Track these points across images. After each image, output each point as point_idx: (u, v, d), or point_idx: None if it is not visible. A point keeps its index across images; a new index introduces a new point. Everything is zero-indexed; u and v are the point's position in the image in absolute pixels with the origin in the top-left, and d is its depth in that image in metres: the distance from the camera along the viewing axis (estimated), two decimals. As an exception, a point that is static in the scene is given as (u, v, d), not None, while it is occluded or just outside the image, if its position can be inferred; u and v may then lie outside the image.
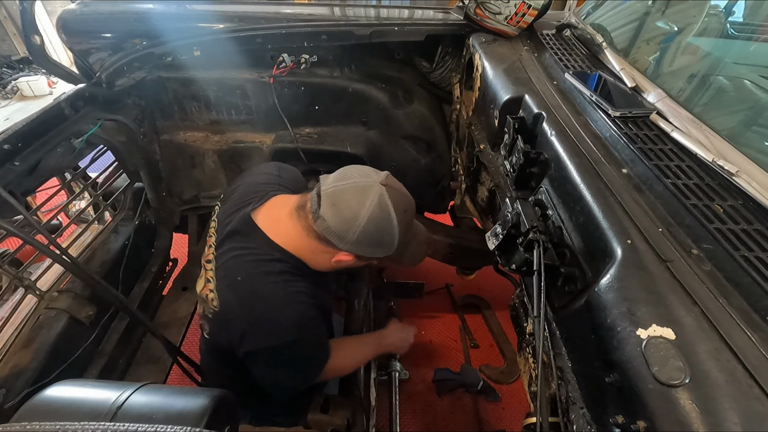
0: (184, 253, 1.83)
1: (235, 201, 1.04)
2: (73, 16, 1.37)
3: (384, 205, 0.86)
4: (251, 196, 1.03)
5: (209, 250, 1.01)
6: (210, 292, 0.94)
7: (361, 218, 0.85)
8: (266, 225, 0.95)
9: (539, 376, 0.65)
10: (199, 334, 1.16)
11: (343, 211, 0.86)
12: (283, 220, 0.94)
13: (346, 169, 0.93)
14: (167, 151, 1.70)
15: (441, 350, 2.08)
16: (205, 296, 0.96)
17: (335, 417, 1.11)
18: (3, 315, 1.11)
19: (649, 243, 0.63)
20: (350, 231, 0.86)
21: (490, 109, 1.21)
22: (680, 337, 0.51)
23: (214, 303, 0.92)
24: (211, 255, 0.99)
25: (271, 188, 1.05)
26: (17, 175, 1.06)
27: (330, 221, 0.86)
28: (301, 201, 0.94)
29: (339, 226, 0.86)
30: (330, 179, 0.90)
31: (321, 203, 0.87)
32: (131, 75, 1.45)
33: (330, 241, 0.89)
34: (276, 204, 1.00)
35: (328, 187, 0.88)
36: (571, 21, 1.45)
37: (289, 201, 0.98)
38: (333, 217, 0.86)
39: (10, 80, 4.39)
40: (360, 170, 0.92)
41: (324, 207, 0.87)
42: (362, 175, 0.89)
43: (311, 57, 1.53)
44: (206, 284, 0.97)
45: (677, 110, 0.89)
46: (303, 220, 0.91)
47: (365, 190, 0.86)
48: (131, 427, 0.46)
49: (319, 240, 0.90)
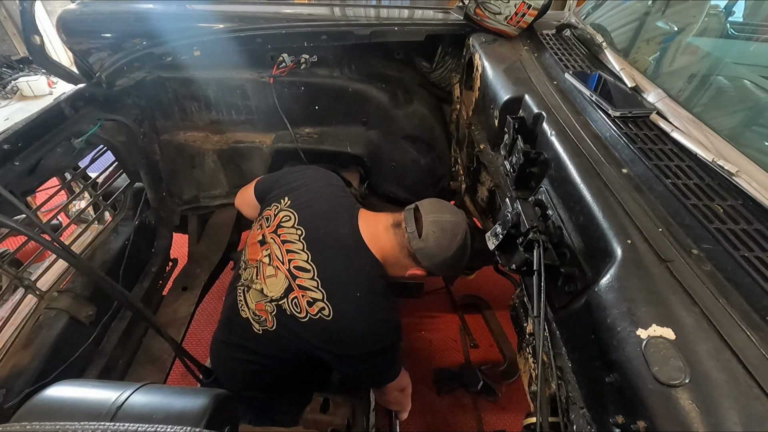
0: (184, 253, 1.83)
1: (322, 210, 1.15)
2: (73, 16, 1.37)
3: (467, 241, 1.09)
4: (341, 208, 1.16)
5: (295, 256, 1.06)
6: (314, 301, 1.00)
7: (452, 248, 1.06)
8: (368, 239, 1.09)
9: (539, 376, 0.65)
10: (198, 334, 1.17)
11: (442, 241, 1.05)
12: (382, 236, 1.10)
13: (437, 201, 1.13)
14: (167, 151, 1.70)
15: (441, 350, 2.08)
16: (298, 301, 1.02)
17: (335, 417, 1.12)
18: (3, 315, 1.11)
19: (649, 243, 0.63)
20: (440, 256, 1.06)
21: (490, 109, 1.21)
22: (680, 337, 0.51)
23: (323, 311, 0.99)
24: (303, 263, 1.05)
25: (352, 201, 1.22)
26: (17, 175, 1.06)
27: (428, 245, 1.05)
28: (395, 219, 1.12)
29: (434, 250, 1.05)
30: (427, 209, 1.09)
31: (423, 228, 1.05)
32: (131, 75, 1.45)
33: (417, 259, 1.07)
34: (368, 219, 1.15)
35: (429, 215, 1.07)
36: (571, 21, 1.45)
37: (379, 218, 1.15)
38: (433, 242, 1.05)
39: (10, 80, 4.38)
40: (450, 207, 1.12)
41: (427, 233, 1.05)
42: (453, 213, 1.10)
43: (311, 57, 1.54)
44: (300, 290, 1.02)
45: (677, 110, 0.89)
46: (399, 237, 1.08)
47: (458, 226, 1.08)
48: (131, 427, 0.46)
49: (407, 256, 1.08)
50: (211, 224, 1.88)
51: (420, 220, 1.07)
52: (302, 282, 1.03)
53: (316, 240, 1.08)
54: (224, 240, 1.80)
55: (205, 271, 1.67)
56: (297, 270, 1.05)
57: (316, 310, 1.00)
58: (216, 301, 2.22)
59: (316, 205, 1.16)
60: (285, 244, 1.09)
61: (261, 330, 1.08)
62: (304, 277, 1.03)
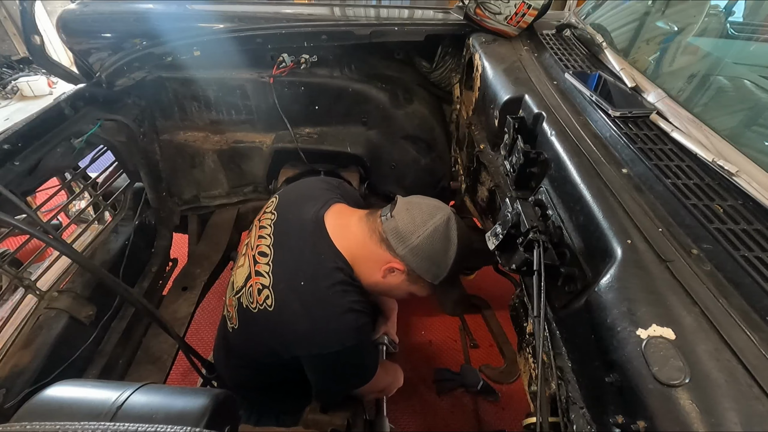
0: (184, 253, 1.83)
1: (299, 198, 1.09)
2: (73, 16, 1.37)
3: (450, 226, 0.94)
4: (316, 197, 1.07)
5: (262, 241, 1.01)
6: (263, 288, 0.93)
7: (427, 226, 0.92)
8: (333, 230, 0.99)
9: (539, 376, 0.65)
10: (199, 334, 1.17)
11: (414, 215, 0.93)
12: (352, 226, 0.99)
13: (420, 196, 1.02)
14: (167, 151, 1.70)
15: (441, 350, 2.08)
16: (252, 289, 0.96)
17: (335, 417, 1.11)
18: (3, 315, 1.11)
19: (649, 243, 0.63)
20: (414, 234, 0.92)
21: (490, 109, 1.21)
22: (680, 337, 0.51)
23: (267, 301, 0.92)
24: (266, 248, 0.99)
25: (334, 195, 1.10)
26: (17, 175, 1.06)
27: (399, 221, 0.93)
28: (371, 211, 1.01)
29: (406, 227, 0.92)
30: (406, 198, 0.99)
31: (396, 206, 0.95)
32: (131, 75, 1.45)
33: (390, 244, 0.93)
34: (342, 212, 1.05)
35: (404, 198, 0.98)
36: (571, 21, 1.45)
37: (356, 211, 1.05)
38: (404, 217, 0.93)
39: (10, 80, 4.38)
40: (431, 198, 1.01)
41: (398, 208, 0.95)
42: (436, 202, 0.99)
43: (311, 57, 1.54)
44: (256, 276, 0.96)
45: (677, 110, 0.89)
46: (371, 223, 0.97)
47: (437, 209, 0.96)
48: (131, 427, 0.46)
49: (380, 242, 0.94)
50: (211, 224, 1.88)
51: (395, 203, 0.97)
52: (259, 267, 0.97)
53: (282, 224, 1.02)
54: (224, 240, 1.80)
55: (205, 271, 1.67)
56: (259, 255, 0.99)
57: (262, 299, 0.93)
58: (216, 301, 2.22)
59: (295, 193, 1.12)
60: (260, 230, 1.05)
61: (231, 329, 1.06)
62: (261, 262, 0.97)
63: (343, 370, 0.97)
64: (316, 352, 0.90)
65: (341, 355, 0.90)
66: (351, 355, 0.92)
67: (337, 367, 0.95)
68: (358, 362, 0.98)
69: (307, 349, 0.91)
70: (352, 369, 0.98)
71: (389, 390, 1.28)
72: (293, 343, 0.92)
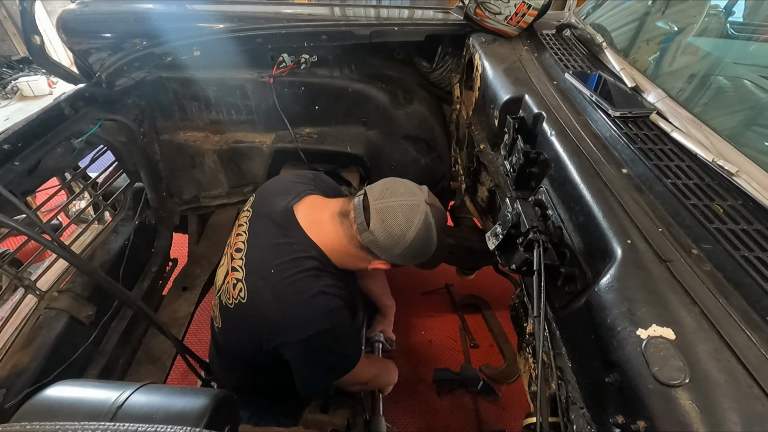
0: (184, 253, 1.83)
1: (271, 193, 1.07)
2: (73, 16, 1.37)
3: (429, 224, 0.92)
4: (288, 191, 1.06)
5: (238, 238, 1.02)
6: (237, 282, 0.93)
7: (408, 236, 0.91)
8: (306, 223, 0.97)
9: (539, 376, 0.65)
10: (198, 334, 1.17)
11: (392, 229, 0.90)
12: (325, 223, 0.97)
13: (391, 182, 0.97)
14: (167, 151, 1.70)
15: (441, 350, 2.08)
16: (228, 285, 0.96)
17: (335, 417, 1.11)
18: (3, 315, 1.11)
19: (649, 243, 0.63)
20: (396, 246, 0.92)
21: (490, 109, 1.21)
22: (680, 337, 0.51)
23: (241, 293, 0.92)
24: (241, 244, 0.99)
25: (307, 187, 1.08)
26: (17, 175, 1.06)
27: (378, 236, 0.91)
28: (343, 208, 0.97)
29: (387, 241, 0.91)
30: (377, 193, 0.94)
31: (371, 218, 0.91)
32: (131, 75, 1.45)
33: (373, 252, 0.94)
34: (315, 205, 1.02)
35: (377, 202, 0.92)
36: (571, 21, 1.45)
37: (328, 204, 1.01)
38: (382, 233, 0.90)
39: (10, 80, 4.38)
40: (405, 186, 0.96)
41: (374, 222, 0.91)
42: (409, 193, 0.94)
43: (311, 57, 1.54)
44: (232, 272, 0.96)
45: (677, 110, 0.89)
46: (347, 228, 0.94)
47: (413, 209, 0.91)
48: (131, 427, 0.46)
49: (360, 249, 0.94)
50: (211, 224, 1.89)
51: (368, 208, 0.92)
52: (235, 263, 0.97)
53: (256, 219, 1.02)
54: (224, 240, 1.78)
55: (205, 271, 1.67)
56: (235, 252, 0.99)
57: (236, 293, 0.93)
58: (216, 301, 2.22)
59: (269, 189, 1.11)
60: (238, 228, 1.06)
61: (217, 329, 1.06)
62: (237, 258, 0.98)
63: (321, 357, 0.95)
64: (292, 339, 0.89)
65: (316, 341, 0.89)
66: (327, 340, 0.91)
67: (315, 354, 0.93)
68: (337, 349, 0.96)
69: (283, 337, 0.90)
70: (331, 356, 0.96)
71: (376, 383, 1.25)
72: (269, 332, 0.91)
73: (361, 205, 0.93)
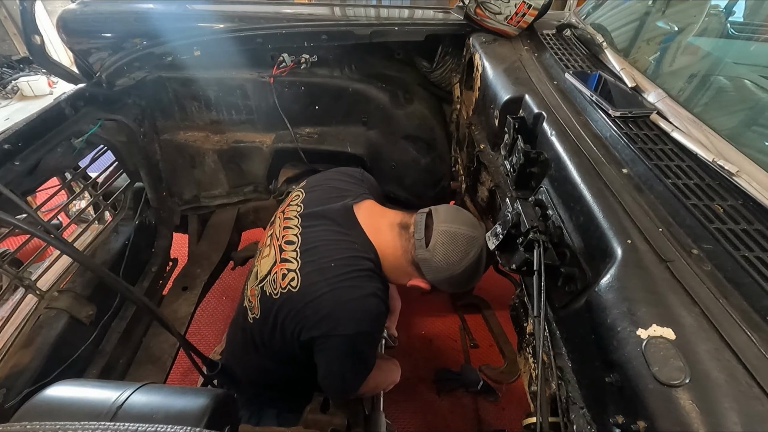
0: (184, 253, 1.83)
1: (326, 191, 1.11)
2: (73, 16, 1.37)
3: (480, 260, 0.99)
4: (344, 190, 1.11)
5: (288, 231, 1.03)
6: (288, 272, 0.94)
7: (461, 265, 0.97)
8: (367, 225, 1.02)
9: (539, 376, 0.65)
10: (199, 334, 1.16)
11: (449, 254, 0.96)
12: (384, 230, 1.02)
13: (456, 210, 1.04)
14: (167, 151, 1.70)
15: (441, 350, 2.08)
16: (276, 275, 0.97)
17: (335, 417, 1.11)
18: (3, 315, 1.11)
19: (649, 243, 0.63)
20: (446, 271, 0.97)
21: (491, 109, 1.21)
22: (680, 337, 0.51)
23: (292, 283, 0.93)
24: (293, 236, 1.01)
25: (363, 190, 1.14)
26: (17, 174, 1.06)
27: (434, 257, 0.96)
28: (403, 220, 1.03)
29: (440, 264, 0.96)
30: (442, 215, 1.00)
31: (431, 238, 0.96)
32: (131, 75, 1.45)
33: (421, 270, 0.99)
34: (374, 211, 1.07)
35: (442, 224, 0.97)
36: (571, 21, 1.45)
37: (387, 213, 1.07)
38: (440, 256, 0.96)
39: (10, 80, 4.38)
40: (469, 217, 1.03)
41: (434, 242, 0.96)
42: (473, 225, 1.01)
43: (311, 57, 1.54)
44: (281, 263, 0.97)
45: (677, 110, 0.89)
46: (404, 240, 1.00)
47: (473, 242, 0.98)
48: (131, 427, 0.46)
49: (410, 264, 0.99)
50: (211, 224, 1.88)
51: (431, 227, 0.97)
52: (286, 255, 0.98)
53: (311, 214, 1.04)
54: (224, 240, 1.80)
55: (205, 271, 1.68)
56: (286, 244, 1.01)
57: (286, 283, 0.94)
58: (216, 301, 2.22)
59: (321, 186, 1.14)
60: (285, 221, 1.07)
61: (252, 319, 1.06)
62: (288, 250, 0.99)
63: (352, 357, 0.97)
64: (333, 333, 0.91)
65: (357, 340, 0.92)
66: (362, 342, 0.94)
67: (350, 351, 0.95)
68: (364, 354, 0.99)
69: (325, 329, 0.91)
70: (356, 360, 0.99)
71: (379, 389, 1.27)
72: (315, 322, 0.91)
73: (423, 223, 0.98)
